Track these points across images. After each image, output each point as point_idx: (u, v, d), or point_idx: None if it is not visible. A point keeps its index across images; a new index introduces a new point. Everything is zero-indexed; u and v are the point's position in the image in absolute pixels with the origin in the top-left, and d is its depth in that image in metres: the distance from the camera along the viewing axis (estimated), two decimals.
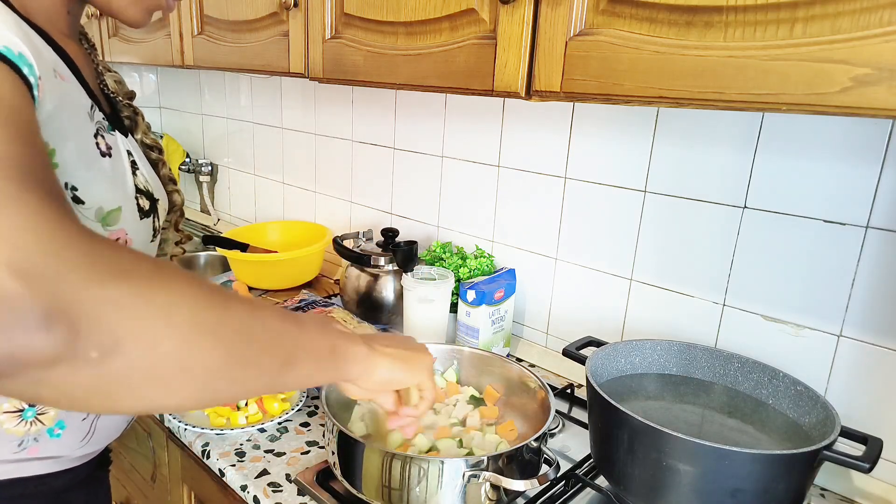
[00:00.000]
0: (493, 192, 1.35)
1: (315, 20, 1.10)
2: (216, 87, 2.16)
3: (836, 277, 0.91)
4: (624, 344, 0.96)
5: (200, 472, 1.05)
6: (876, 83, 0.53)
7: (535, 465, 0.83)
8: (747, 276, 1.00)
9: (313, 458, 0.95)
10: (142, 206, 0.76)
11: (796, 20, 0.57)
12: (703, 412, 0.89)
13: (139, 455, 1.27)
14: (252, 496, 0.88)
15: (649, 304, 1.14)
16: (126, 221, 0.71)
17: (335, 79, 1.10)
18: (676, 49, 0.65)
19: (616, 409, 0.77)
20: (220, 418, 1.02)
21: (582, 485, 0.89)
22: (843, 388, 0.93)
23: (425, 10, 0.91)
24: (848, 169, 0.88)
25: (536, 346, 1.33)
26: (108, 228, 0.69)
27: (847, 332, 0.91)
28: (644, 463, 0.77)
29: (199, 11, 1.41)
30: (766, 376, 0.90)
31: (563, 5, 0.74)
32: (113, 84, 0.83)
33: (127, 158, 0.75)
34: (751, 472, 0.71)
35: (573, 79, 0.75)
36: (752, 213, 0.98)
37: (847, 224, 0.89)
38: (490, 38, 0.83)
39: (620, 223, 1.15)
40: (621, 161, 1.13)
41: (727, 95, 0.62)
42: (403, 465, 0.76)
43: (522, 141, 1.28)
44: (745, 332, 1.02)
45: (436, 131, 1.44)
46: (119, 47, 1.75)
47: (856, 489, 0.92)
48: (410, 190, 1.54)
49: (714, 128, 1.00)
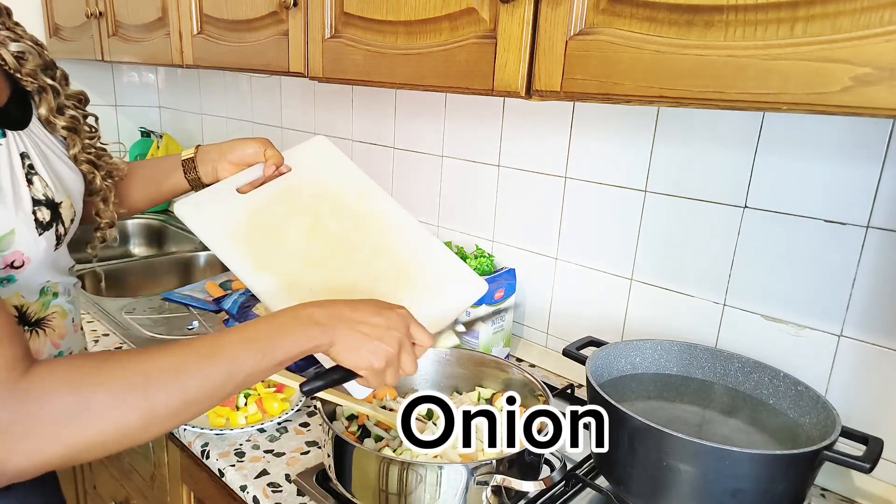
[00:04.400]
0: (493, 191, 1.35)
1: (315, 19, 1.10)
2: (216, 87, 2.16)
3: (837, 277, 0.91)
4: (624, 344, 0.96)
5: (200, 472, 1.05)
6: (876, 83, 0.53)
7: (536, 466, 0.83)
8: (748, 276, 1.00)
9: (313, 458, 0.95)
10: (40, 219, 0.73)
11: (797, 19, 0.57)
12: (703, 412, 0.89)
13: (138, 455, 1.27)
14: (252, 496, 0.88)
15: (650, 303, 1.14)
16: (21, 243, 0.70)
17: (335, 78, 1.10)
18: (677, 48, 0.65)
19: (616, 409, 0.77)
20: (220, 418, 1.02)
21: (582, 485, 0.89)
22: (844, 388, 0.92)
23: (425, 10, 0.90)
24: (848, 168, 0.88)
25: (536, 346, 1.33)
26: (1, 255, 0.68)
27: (847, 332, 0.91)
28: (644, 463, 0.77)
29: (199, 11, 1.40)
30: (766, 376, 0.90)
31: (563, 5, 0.74)
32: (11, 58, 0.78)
33: (20, 167, 0.72)
34: (751, 472, 0.71)
35: (573, 78, 0.74)
36: (752, 213, 0.98)
37: (848, 224, 0.89)
38: (490, 38, 0.83)
39: (621, 223, 1.15)
40: (622, 161, 1.13)
41: (728, 95, 0.62)
42: (402, 471, 0.75)
43: (522, 140, 1.28)
44: (745, 332, 1.02)
45: (436, 131, 1.44)
46: (119, 47, 1.75)
47: (856, 489, 0.91)
48: (410, 189, 1.54)
49: (714, 127, 1.00)
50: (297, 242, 0.88)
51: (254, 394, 1.06)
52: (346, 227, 0.91)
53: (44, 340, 0.82)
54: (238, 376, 0.63)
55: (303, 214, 0.91)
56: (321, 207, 0.92)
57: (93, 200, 0.89)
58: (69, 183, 0.83)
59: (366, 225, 0.93)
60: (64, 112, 0.85)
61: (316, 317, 0.67)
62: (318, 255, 0.88)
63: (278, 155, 0.94)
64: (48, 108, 0.82)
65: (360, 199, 0.95)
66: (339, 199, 0.94)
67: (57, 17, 2.03)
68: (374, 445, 0.87)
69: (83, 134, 0.87)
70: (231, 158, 0.94)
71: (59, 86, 0.85)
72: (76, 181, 0.84)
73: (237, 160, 0.94)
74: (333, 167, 0.98)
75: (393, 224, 0.94)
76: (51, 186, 0.76)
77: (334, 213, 0.92)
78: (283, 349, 0.65)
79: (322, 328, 0.67)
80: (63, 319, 0.86)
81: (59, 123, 0.83)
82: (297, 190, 0.93)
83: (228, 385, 0.63)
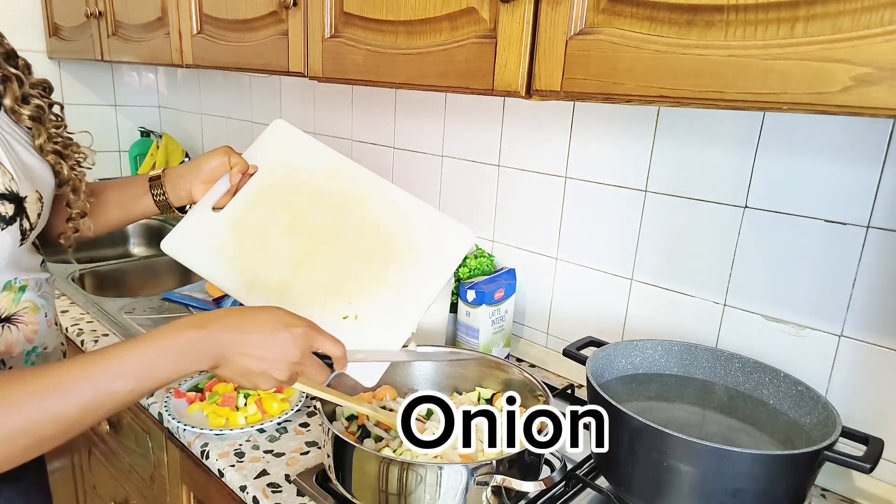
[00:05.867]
0: (494, 191, 1.35)
1: (314, 19, 1.10)
2: (215, 87, 2.16)
3: (837, 277, 0.91)
4: (624, 344, 0.96)
5: (200, 472, 1.05)
6: (877, 82, 0.53)
7: (536, 466, 0.83)
8: (748, 276, 1.00)
9: (313, 458, 0.95)
10: (3, 213, 0.73)
11: (797, 19, 0.57)
12: (703, 412, 0.89)
13: (138, 455, 1.26)
14: (251, 497, 0.88)
15: (650, 304, 1.14)
16: None
17: (335, 78, 1.10)
18: (677, 48, 0.65)
19: (617, 409, 0.77)
20: (220, 419, 1.02)
21: (582, 485, 0.89)
22: (844, 389, 0.92)
23: (425, 9, 0.90)
24: (849, 168, 0.88)
25: (536, 347, 1.33)
26: None
27: (848, 332, 0.91)
28: (645, 463, 0.77)
29: (199, 10, 1.40)
30: (766, 376, 0.90)
31: (563, 4, 0.74)
32: None
33: None
34: (751, 472, 0.71)
35: (573, 78, 0.74)
36: (752, 213, 0.98)
37: (848, 224, 0.89)
38: (490, 38, 0.82)
39: (621, 223, 1.15)
40: (622, 160, 1.13)
41: (728, 95, 0.62)
42: (402, 471, 0.75)
43: (523, 140, 1.28)
44: (745, 333, 1.02)
45: (436, 131, 1.44)
46: (118, 47, 1.75)
47: (857, 489, 0.91)
48: (410, 189, 1.52)
49: (715, 127, 1.00)
50: (281, 246, 0.89)
51: (253, 394, 1.06)
52: (324, 215, 0.92)
53: (16, 336, 0.83)
54: (101, 408, 0.62)
55: (280, 212, 0.92)
56: (296, 201, 0.92)
57: (63, 191, 0.89)
58: (38, 176, 0.82)
59: (343, 206, 0.92)
60: (29, 101, 0.84)
61: (198, 346, 0.66)
62: (304, 252, 0.88)
63: (242, 161, 0.94)
64: (13, 98, 0.82)
65: (332, 178, 0.95)
66: (311, 186, 0.94)
67: (57, 17, 2.03)
68: (373, 445, 0.87)
69: (48, 123, 0.86)
70: (202, 178, 0.94)
71: (22, 74, 0.84)
72: (46, 173, 0.84)
73: (207, 177, 0.94)
74: (297, 151, 0.97)
75: (370, 196, 0.94)
76: (16, 179, 0.76)
77: (311, 204, 0.92)
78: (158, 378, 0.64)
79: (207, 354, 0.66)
80: (35, 314, 0.86)
81: (24, 113, 0.82)
82: (269, 187, 0.94)
83: (92, 415, 0.62)
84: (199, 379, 1.13)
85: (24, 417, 0.59)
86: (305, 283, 0.86)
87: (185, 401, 1.07)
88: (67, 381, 0.61)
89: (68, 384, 0.60)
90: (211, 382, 1.10)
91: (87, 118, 2.29)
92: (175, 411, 1.04)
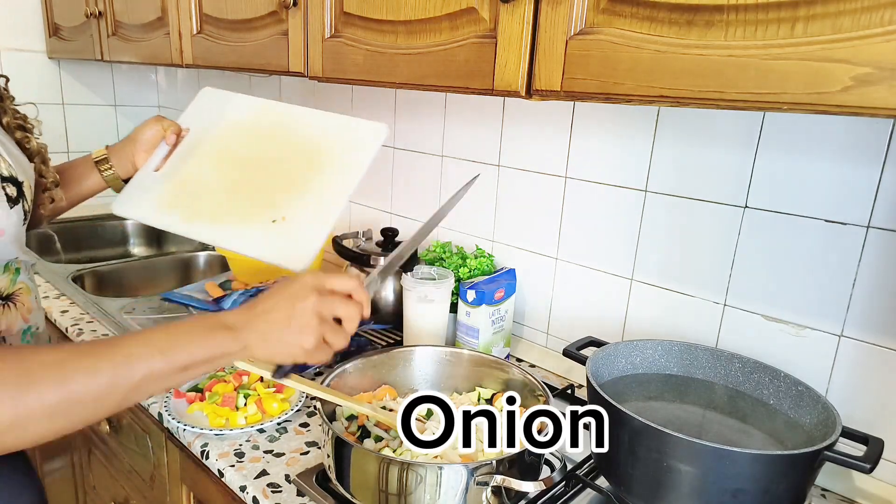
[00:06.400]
0: (494, 191, 1.35)
1: (314, 19, 1.10)
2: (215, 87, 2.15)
3: (837, 277, 0.91)
4: (624, 344, 0.96)
5: (199, 472, 1.05)
6: (877, 82, 0.53)
7: (536, 466, 0.83)
8: (748, 276, 1.00)
9: (313, 458, 0.95)
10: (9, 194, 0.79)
11: (797, 19, 0.57)
12: (703, 412, 0.89)
13: (138, 455, 1.26)
14: (251, 497, 0.88)
15: (650, 304, 1.14)
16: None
17: (335, 78, 1.10)
18: (677, 48, 0.65)
19: (617, 409, 0.77)
20: (220, 419, 1.02)
21: (582, 485, 0.89)
22: (845, 389, 0.92)
23: (425, 9, 0.90)
24: (849, 168, 0.88)
25: (536, 347, 1.33)
26: None
27: (848, 332, 0.91)
28: (645, 463, 0.77)
29: (199, 10, 1.40)
30: (766, 376, 0.90)
31: (563, 4, 0.74)
32: None
33: None
34: (752, 472, 0.71)
35: (573, 78, 0.74)
36: (752, 213, 0.98)
37: (848, 224, 0.89)
38: (490, 37, 0.82)
39: (621, 223, 1.15)
40: (622, 160, 1.13)
41: (728, 95, 0.62)
42: (402, 471, 0.75)
43: (523, 140, 1.28)
44: (745, 333, 1.02)
45: (436, 130, 1.44)
46: (118, 46, 1.75)
47: (857, 490, 0.91)
48: (410, 189, 1.54)
49: (715, 127, 1.00)
50: (214, 180, 0.96)
51: (253, 394, 1.06)
52: (251, 148, 0.99)
53: (15, 315, 0.88)
54: (131, 376, 0.60)
55: (211, 157, 0.99)
56: (224, 144, 1.01)
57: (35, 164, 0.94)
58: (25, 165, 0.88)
59: (269, 137, 0.99)
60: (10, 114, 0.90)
61: (225, 320, 0.66)
62: (235, 182, 0.95)
63: (174, 124, 1.02)
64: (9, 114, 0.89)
65: (256, 118, 1.02)
66: (237, 130, 1.02)
67: (56, 17, 2.03)
68: (373, 445, 0.87)
69: (7, 101, 0.92)
70: (142, 147, 1.02)
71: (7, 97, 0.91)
72: (24, 161, 0.89)
73: (146, 146, 1.02)
74: (224, 107, 1.06)
75: (291, 123, 1.00)
76: (13, 167, 0.82)
77: (238, 143, 1.00)
78: (186, 352, 0.63)
79: (231, 332, 0.66)
80: (28, 295, 0.92)
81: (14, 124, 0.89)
82: (199, 140, 1.02)
83: (119, 386, 0.59)
84: (199, 379, 1.13)
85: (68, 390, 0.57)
86: (238, 206, 0.93)
87: (184, 401, 1.07)
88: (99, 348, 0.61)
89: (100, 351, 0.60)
90: (211, 382, 1.10)
91: (87, 118, 2.29)
92: (175, 411, 1.04)
